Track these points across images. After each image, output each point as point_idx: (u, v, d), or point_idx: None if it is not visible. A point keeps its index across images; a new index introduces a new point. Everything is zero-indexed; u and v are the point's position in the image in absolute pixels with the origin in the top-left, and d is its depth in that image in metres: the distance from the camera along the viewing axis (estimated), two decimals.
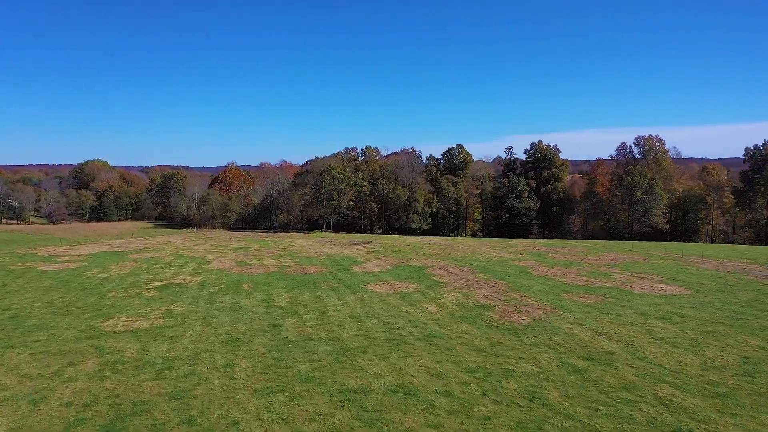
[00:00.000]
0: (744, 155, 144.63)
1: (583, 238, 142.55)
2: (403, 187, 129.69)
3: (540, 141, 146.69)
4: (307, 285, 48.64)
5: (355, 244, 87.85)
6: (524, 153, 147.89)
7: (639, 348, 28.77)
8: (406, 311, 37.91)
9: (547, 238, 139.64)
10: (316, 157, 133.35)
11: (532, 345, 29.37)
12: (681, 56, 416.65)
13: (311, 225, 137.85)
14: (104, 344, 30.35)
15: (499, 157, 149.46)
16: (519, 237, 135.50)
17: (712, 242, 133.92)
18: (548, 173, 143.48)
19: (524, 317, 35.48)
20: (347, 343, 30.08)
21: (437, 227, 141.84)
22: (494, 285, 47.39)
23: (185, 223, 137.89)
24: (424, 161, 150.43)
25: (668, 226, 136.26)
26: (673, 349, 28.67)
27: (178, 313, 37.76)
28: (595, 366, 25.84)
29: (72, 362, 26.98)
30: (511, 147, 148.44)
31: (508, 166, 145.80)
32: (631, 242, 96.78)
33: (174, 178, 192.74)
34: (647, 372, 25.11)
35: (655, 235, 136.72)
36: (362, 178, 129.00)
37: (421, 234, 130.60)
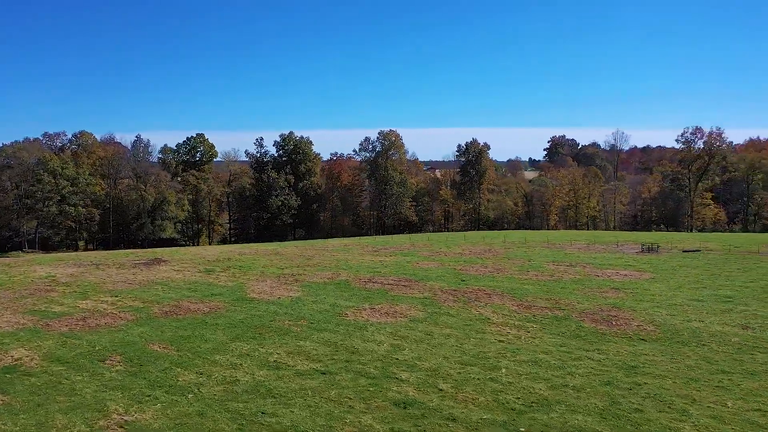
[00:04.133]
0: (456, 152, 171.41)
1: (331, 235, 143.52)
2: (148, 186, 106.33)
3: (291, 132, 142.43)
4: (264, 329, 33.66)
5: (148, 264, 66.71)
6: (275, 145, 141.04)
7: None
8: (501, 341, 29.75)
9: (307, 238, 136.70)
10: (4, 144, 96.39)
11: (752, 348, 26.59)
12: (408, 64, 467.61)
13: None
14: None
15: (248, 152, 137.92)
16: (280, 239, 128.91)
17: (439, 231, 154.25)
18: (305, 167, 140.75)
19: (637, 324, 32.32)
20: (609, 408, 21.17)
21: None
22: (488, 293, 42.22)
23: None
24: (157, 154, 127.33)
25: (417, 218, 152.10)
26: None
27: (162, 427, 20.25)
28: None
29: None
30: (262, 138, 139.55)
31: (260, 160, 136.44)
32: (462, 233, 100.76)
33: None
34: None
35: (406, 226, 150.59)
36: (90, 174, 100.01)
37: (164, 245, 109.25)
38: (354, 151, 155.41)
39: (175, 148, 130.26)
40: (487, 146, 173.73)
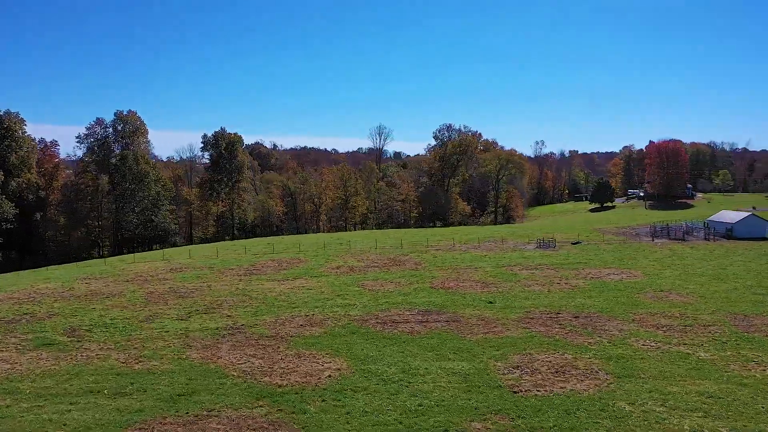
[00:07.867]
0: (202, 143, 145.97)
1: (53, 258, 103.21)
2: None
3: None
4: None
5: None
6: None
7: None
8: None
9: (23, 265, 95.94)
10: None
11: None
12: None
13: None
14: None
15: None
16: None
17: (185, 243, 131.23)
18: (17, 158, 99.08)
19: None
20: None
21: None
22: (575, 315, 34.45)
23: None
24: None
25: (177, 225, 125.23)
26: None
27: None
28: None
29: None
30: None
31: None
32: (322, 236, 77.26)
33: None
34: None
35: (157, 238, 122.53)
36: None
37: None
38: (77, 138, 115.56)
39: None
40: (239, 137, 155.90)
